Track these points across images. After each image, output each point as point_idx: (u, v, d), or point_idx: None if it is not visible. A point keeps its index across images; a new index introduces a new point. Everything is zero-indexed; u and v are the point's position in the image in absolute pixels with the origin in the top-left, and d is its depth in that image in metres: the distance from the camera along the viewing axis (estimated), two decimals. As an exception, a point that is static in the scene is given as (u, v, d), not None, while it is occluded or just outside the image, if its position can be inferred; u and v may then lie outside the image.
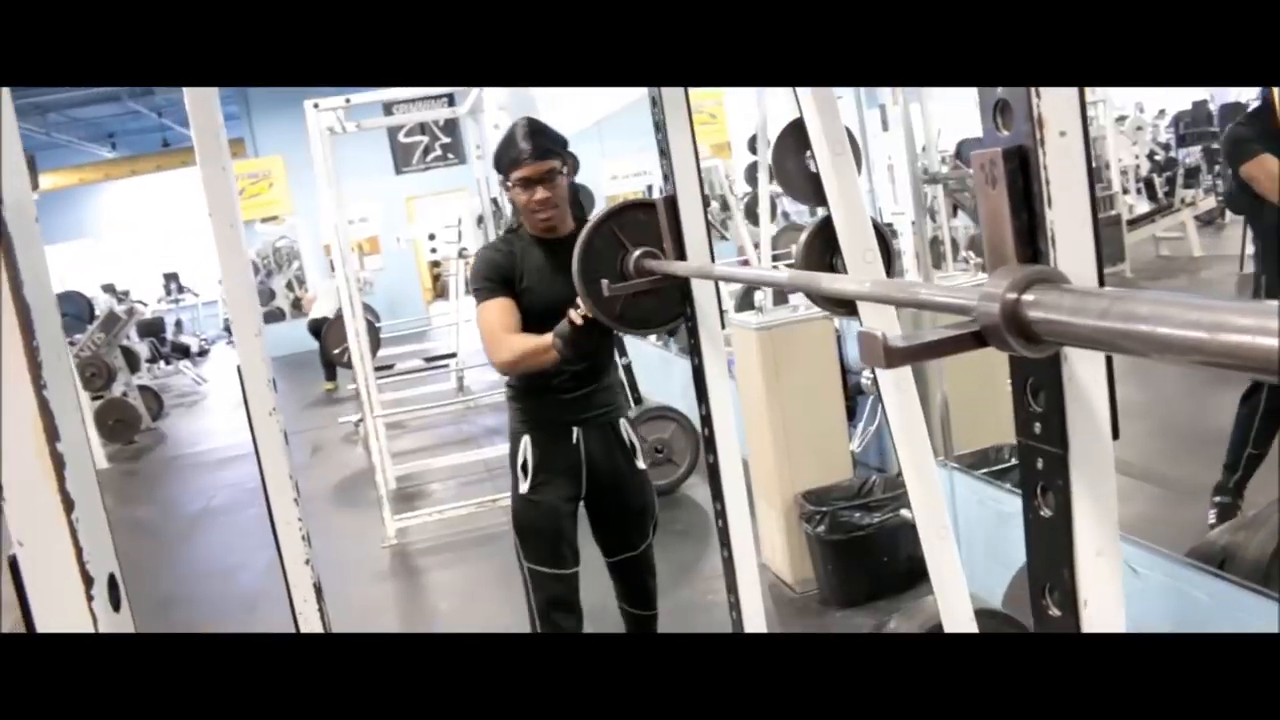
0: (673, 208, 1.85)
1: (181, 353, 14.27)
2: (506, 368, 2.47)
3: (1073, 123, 0.72)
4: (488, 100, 5.43)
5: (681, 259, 1.86)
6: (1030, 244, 0.75)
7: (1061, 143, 0.72)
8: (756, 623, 1.96)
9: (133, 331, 10.56)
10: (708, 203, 2.00)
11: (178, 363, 13.61)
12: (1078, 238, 0.74)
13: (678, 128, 1.82)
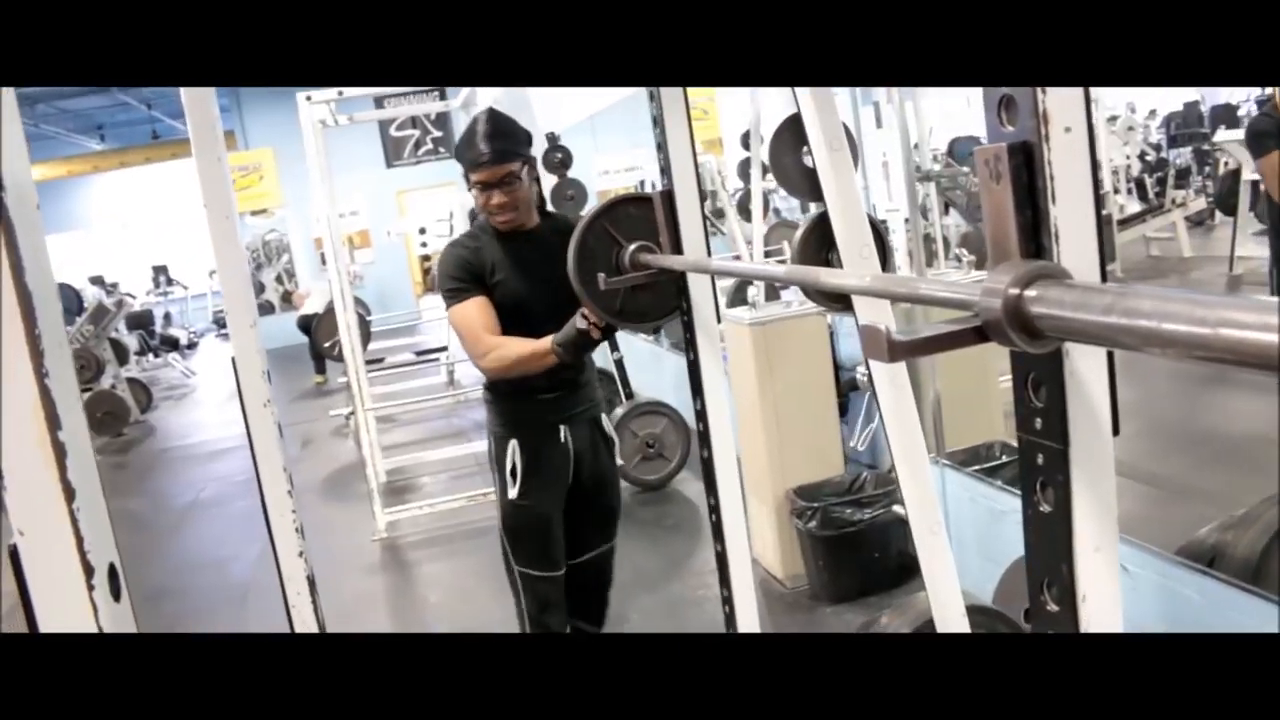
0: (670, 202, 1.85)
1: (170, 345, 14.24)
2: (498, 374, 2.40)
3: (1078, 119, 0.72)
4: (481, 94, 5.41)
5: (678, 253, 1.86)
6: (1033, 239, 0.75)
7: (1066, 138, 0.72)
8: (749, 617, 1.96)
9: (121, 324, 10.53)
10: (705, 197, 2.00)
11: (166, 355, 13.57)
12: (1081, 234, 0.74)
13: (675, 122, 1.81)
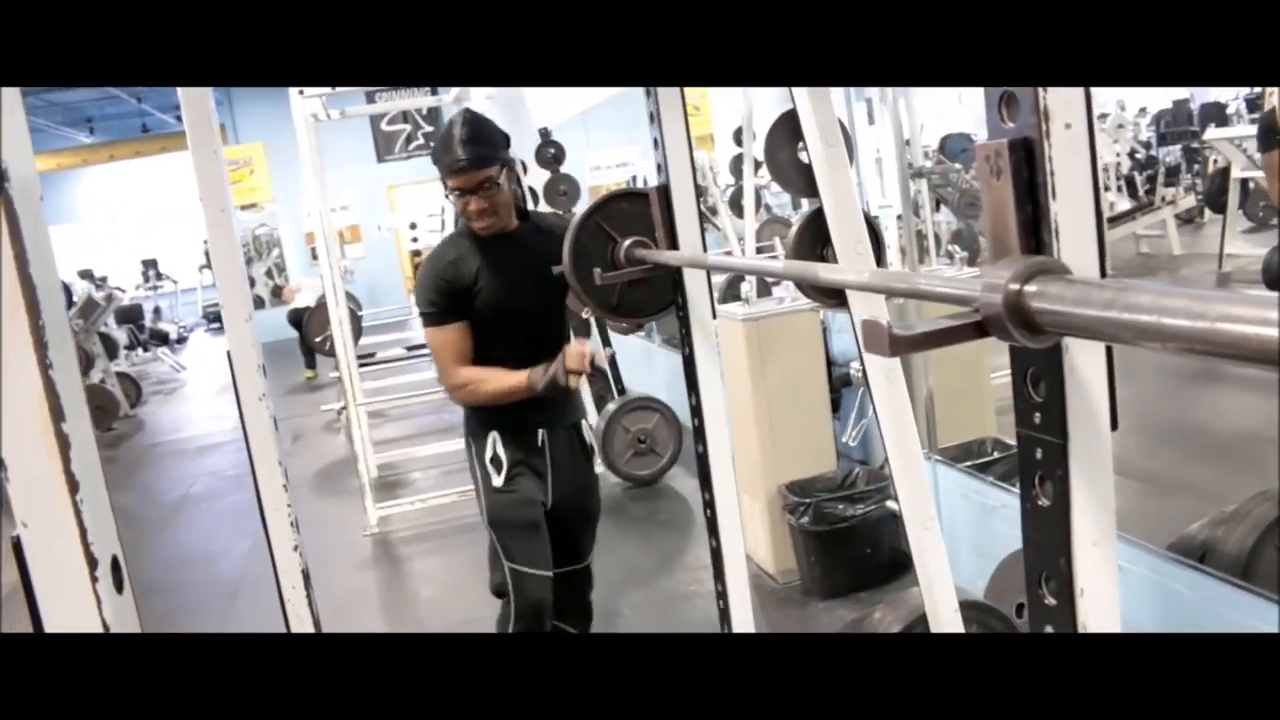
0: (665, 198, 1.85)
1: (160, 340, 14.17)
2: (467, 405, 2.51)
3: (1079, 115, 0.72)
4: (473, 90, 5.40)
5: (674, 249, 1.87)
6: (1034, 235, 0.75)
7: (1067, 135, 0.73)
8: (743, 613, 1.97)
9: (111, 318, 10.48)
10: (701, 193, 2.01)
11: (156, 350, 13.50)
12: (1081, 229, 0.74)
13: (671, 119, 1.82)
